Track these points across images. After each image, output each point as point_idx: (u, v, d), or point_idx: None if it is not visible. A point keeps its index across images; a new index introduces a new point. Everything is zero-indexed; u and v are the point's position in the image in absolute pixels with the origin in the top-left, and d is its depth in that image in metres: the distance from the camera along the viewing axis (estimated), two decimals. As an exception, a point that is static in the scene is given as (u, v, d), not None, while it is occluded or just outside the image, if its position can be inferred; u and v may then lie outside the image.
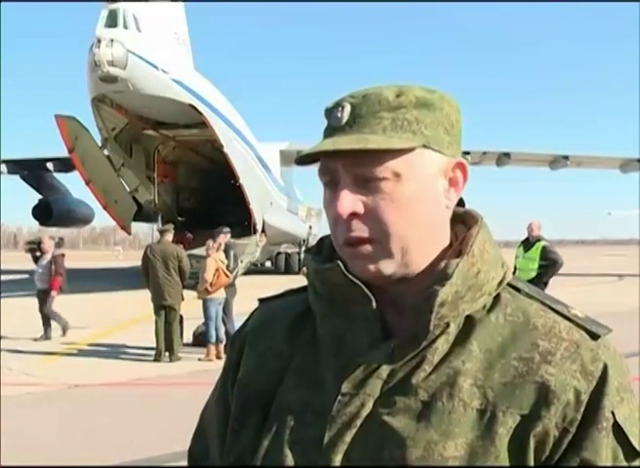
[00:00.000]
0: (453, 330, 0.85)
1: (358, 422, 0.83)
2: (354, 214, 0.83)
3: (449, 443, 0.79)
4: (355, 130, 0.85)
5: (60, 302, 11.01)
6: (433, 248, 0.87)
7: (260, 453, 0.87)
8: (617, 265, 38.14)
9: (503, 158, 30.82)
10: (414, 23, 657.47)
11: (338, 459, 0.82)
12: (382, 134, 0.84)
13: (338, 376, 0.85)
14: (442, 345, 0.84)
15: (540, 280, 9.04)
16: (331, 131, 0.87)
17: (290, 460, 0.85)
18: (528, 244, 9.43)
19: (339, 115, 0.86)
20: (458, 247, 0.89)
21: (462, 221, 0.92)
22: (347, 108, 0.86)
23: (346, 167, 0.84)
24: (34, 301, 11.61)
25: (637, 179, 50.23)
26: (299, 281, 0.96)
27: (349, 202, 0.83)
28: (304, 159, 0.88)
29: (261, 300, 1.05)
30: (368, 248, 0.84)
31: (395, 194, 0.83)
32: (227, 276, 9.23)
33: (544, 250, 9.28)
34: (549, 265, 9.20)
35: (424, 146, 0.85)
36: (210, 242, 9.47)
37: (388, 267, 0.84)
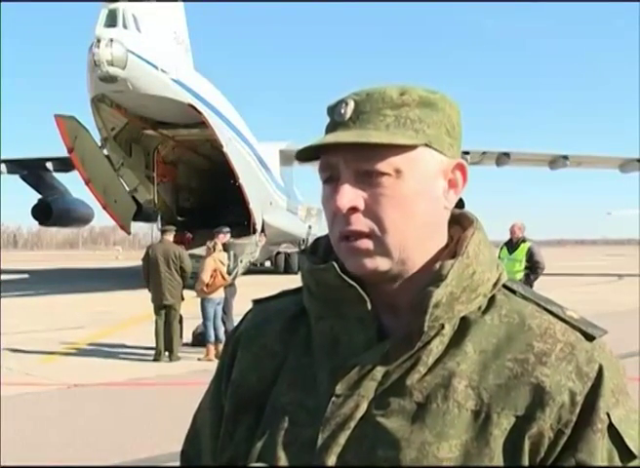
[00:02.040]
0: (448, 331, 0.84)
1: (352, 424, 0.82)
2: (354, 209, 0.83)
3: (443, 444, 0.79)
4: (358, 126, 0.85)
5: (61, 302, 11.03)
6: (430, 247, 0.87)
7: (253, 455, 0.87)
8: (617, 265, 38.12)
9: (503, 158, 30.82)
10: (413, 23, 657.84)
11: (331, 461, 0.81)
12: (385, 130, 0.84)
13: (332, 377, 0.85)
14: (437, 346, 0.84)
15: (528, 281, 8.78)
16: (333, 126, 0.87)
17: (283, 462, 0.84)
18: (512, 245, 9.29)
19: (342, 111, 0.86)
20: (453, 248, 0.89)
21: (458, 223, 0.92)
22: (351, 105, 0.86)
23: (348, 161, 0.84)
24: (34, 301, 11.62)
25: (637, 179, 50.26)
26: (298, 281, 0.96)
27: (350, 196, 0.83)
28: (305, 154, 0.88)
29: (256, 302, 1.05)
30: (365, 242, 0.83)
31: (395, 190, 0.83)
32: (224, 278, 9.20)
33: (530, 251, 9.15)
34: (532, 268, 9.08)
35: (426, 145, 0.85)
36: (209, 242, 9.48)
37: (385, 264, 0.84)
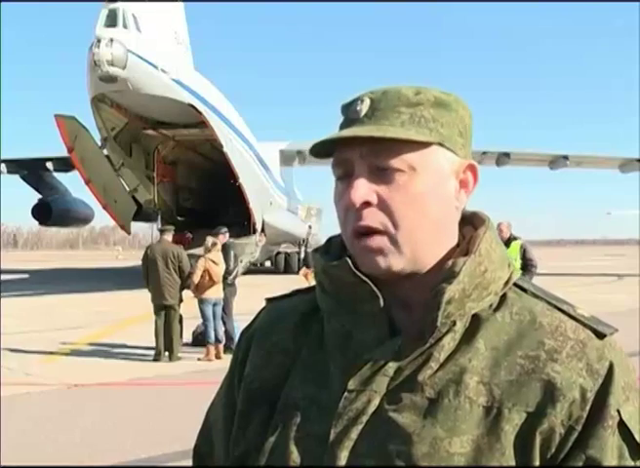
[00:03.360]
0: (459, 328, 0.85)
1: (364, 418, 0.83)
2: (367, 204, 0.84)
3: (455, 439, 0.80)
4: (373, 121, 0.86)
5: (61, 302, 11.05)
6: (441, 246, 0.88)
7: (265, 449, 0.88)
8: (616, 265, 38.15)
9: (503, 158, 30.85)
10: (413, 23, 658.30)
11: (343, 455, 0.82)
12: (401, 127, 0.85)
13: (344, 373, 0.86)
14: (449, 343, 0.85)
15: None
16: (348, 122, 0.88)
17: (295, 456, 0.85)
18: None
19: (358, 108, 0.88)
20: (465, 246, 0.90)
21: (470, 222, 0.93)
22: (367, 102, 0.87)
23: (363, 156, 0.85)
24: (34, 301, 11.61)
25: (637, 179, 50.31)
26: (298, 280, 0.96)
27: (363, 190, 0.84)
28: (320, 148, 0.88)
29: (269, 300, 1.06)
30: (378, 240, 0.84)
31: (409, 187, 0.84)
32: (212, 279, 9.14)
33: (524, 249, 9.20)
34: (525, 266, 9.07)
35: (440, 144, 0.86)
36: (209, 241, 9.45)
37: (398, 262, 0.85)
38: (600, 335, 0.85)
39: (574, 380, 0.81)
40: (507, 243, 9.05)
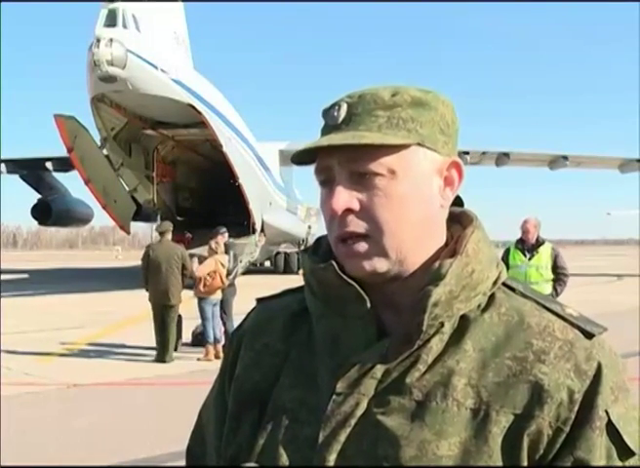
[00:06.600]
0: (447, 329, 0.85)
1: (352, 422, 0.83)
2: (349, 211, 0.84)
3: (442, 442, 0.79)
4: (351, 127, 0.86)
5: (61, 302, 11.05)
6: (428, 246, 0.88)
7: (255, 452, 0.88)
8: (616, 265, 38.14)
9: (503, 158, 30.85)
10: (413, 23, 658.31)
11: (332, 458, 0.82)
12: (378, 131, 0.85)
13: (333, 376, 0.86)
14: (436, 345, 0.84)
15: (557, 294, 6.75)
16: (327, 129, 0.89)
17: (284, 459, 0.85)
18: (529, 248, 7.07)
19: (335, 114, 0.88)
20: (452, 246, 0.89)
21: (458, 221, 0.93)
22: (344, 107, 0.87)
23: (342, 163, 0.85)
24: (34, 301, 11.59)
25: (637, 179, 50.24)
26: (297, 281, 0.96)
27: (344, 198, 0.84)
28: (300, 156, 0.89)
29: (259, 300, 1.06)
30: (362, 244, 0.84)
31: (390, 191, 0.84)
32: (222, 281, 9.16)
33: (555, 254, 7.09)
34: (560, 278, 7.05)
35: (419, 144, 0.86)
36: (212, 242, 9.45)
37: (383, 265, 0.85)
38: (589, 335, 0.85)
39: (561, 382, 0.81)
40: (536, 246, 7.10)
